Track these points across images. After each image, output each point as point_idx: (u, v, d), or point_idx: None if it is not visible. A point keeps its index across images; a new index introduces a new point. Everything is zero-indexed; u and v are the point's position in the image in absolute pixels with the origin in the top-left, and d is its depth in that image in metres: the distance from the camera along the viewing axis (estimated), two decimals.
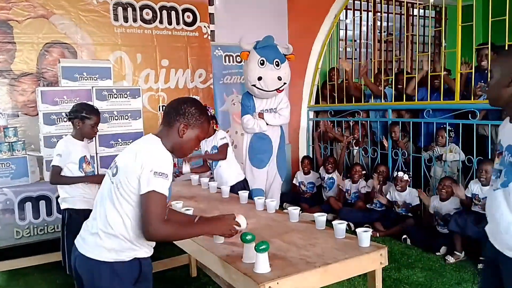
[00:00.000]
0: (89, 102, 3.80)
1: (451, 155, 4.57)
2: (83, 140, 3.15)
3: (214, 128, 3.80)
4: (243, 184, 3.86)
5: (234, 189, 3.48)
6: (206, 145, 3.85)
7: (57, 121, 3.97)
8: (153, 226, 1.64)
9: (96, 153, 4.12)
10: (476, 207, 3.94)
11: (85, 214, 2.73)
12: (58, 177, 3.02)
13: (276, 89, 4.58)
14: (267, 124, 4.59)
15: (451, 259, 3.85)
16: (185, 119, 1.81)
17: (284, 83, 4.63)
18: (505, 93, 1.75)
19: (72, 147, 3.05)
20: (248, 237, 1.85)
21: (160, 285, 3.59)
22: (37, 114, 4.06)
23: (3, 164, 3.78)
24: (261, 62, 4.55)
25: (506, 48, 4.09)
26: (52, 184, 3.14)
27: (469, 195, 3.99)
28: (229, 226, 1.91)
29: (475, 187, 3.96)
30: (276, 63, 4.56)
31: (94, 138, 3.32)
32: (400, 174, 4.65)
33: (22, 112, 4.62)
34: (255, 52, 4.59)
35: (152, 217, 1.63)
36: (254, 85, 4.58)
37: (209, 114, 3.69)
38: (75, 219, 2.95)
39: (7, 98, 4.54)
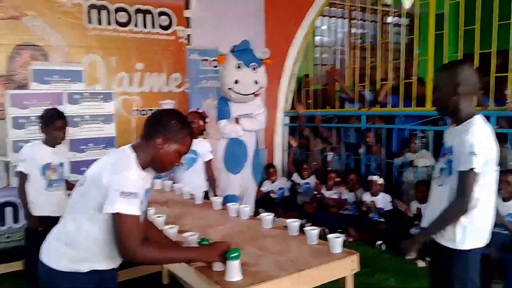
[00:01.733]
0: (59, 106, 3.71)
1: (422, 161, 4.64)
2: (53, 146, 3.06)
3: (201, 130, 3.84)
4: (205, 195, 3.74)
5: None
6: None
7: (26, 126, 3.86)
8: (128, 250, 1.58)
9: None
10: None
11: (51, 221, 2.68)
12: (22, 188, 2.96)
13: (253, 93, 4.57)
14: (243, 129, 4.57)
15: (421, 263, 3.90)
16: (164, 133, 1.71)
17: (261, 87, 4.63)
18: (451, 102, 1.99)
19: (38, 152, 2.98)
20: (235, 254, 1.76)
21: None
22: (5, 118, 3.95)
23: None
24: (238, 65, 4.54)
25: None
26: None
27: None
28: (222, 254, 1.76)
29: None
30: (253, 66, 4.56)
31: (62, 143, 3.19)
32: (375, 177, 4.71)
33: None
34: (232, 56, 4.58)
35: (125, 240, 1.57)
36: (230, 89, 4.56)
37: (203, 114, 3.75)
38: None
39: None
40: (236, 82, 4.51)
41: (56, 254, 1.70)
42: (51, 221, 2.24)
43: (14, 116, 3.83)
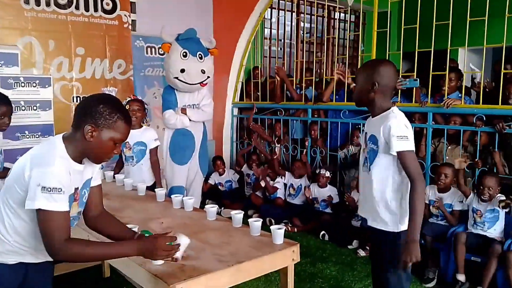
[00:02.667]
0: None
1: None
2: None
3: (142, 121, 3.75)
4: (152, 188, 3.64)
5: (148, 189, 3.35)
6: (130, 138, 3.63)
7: None
8: (52, 247, 1.51)
9: None
10: None
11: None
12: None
13: (199, 82, 4.49)
14: (190, 120, 4.49)
15: (362, 253, 4.06)
16: (92, 120, 1.59)
17: (208, 77, 4.55)
18: (366, 97, 2.19)
19: None
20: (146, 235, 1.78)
21: (71, 286, 3.40)
22: None
23: None
24: (184, 54, 4.43)
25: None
26: None
27: None
28: (165, 250, 1.62)
29: None
30: (200, 55, 4.47)
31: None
32: (322, 171, 4.81)
33: None
34: (177, 44, 4.46)
35: (50, 238, 1.49)
36: (176, 78, 4.43)
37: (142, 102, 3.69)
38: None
39: None
40: (182, 71, 4.39)
41: None
42: None
43: None
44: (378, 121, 2.17)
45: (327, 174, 4.82)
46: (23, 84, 3.91)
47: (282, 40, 6.79)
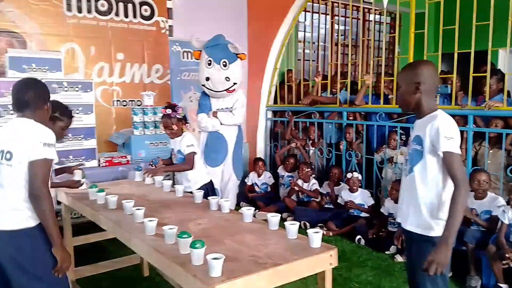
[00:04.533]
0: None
1: (401, 158, 4.72)
2: None
3: (183, 128, 3.56)
4: (207, 187, 3.62)
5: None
6: (175, 145, 3.64)
7: (2, 114, 3.77)
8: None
9: None
10: None
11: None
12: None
13: (225, 90, 4.54)
14: (221, 123, 4.55)
15: (400, 258, 3.98)
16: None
17: (234, 83, 4.58)
18: (412, 99, 2.13)
19: None
20: (197, 244, 1.81)
21: (111, 285, 3.51)
22: None
23: None
24: (208, 62, 4.50)
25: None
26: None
27: None
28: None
29: None
30: (224, 63, 4.49)
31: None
32: (350, 174, 4.76)
33: None
34: (204, 52, 4.55)
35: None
36: (203, 85, 4.58)
37: (174, 116, 3.47)
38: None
39: None
40: (207, 79, 4.50)
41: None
42: None
43: None
44: (424, 121, 2.10)
45: (356, 175, 4.76)
46: (66, 89, 4.07)
47: (316, 43, 6.77)
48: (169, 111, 3.47)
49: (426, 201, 2.09)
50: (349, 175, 4.79)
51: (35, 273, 2.04)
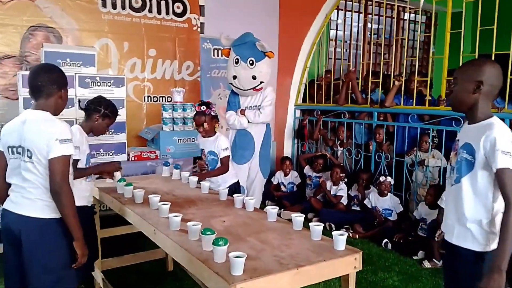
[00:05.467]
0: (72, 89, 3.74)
1: (433, 161, 4.60)
2: (88, 134, 2.96)
3: (216, 127, 3.52)
4: (234, 186, 3.59)
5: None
6: (204, 145, 3.61)
7: None
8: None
9: None
10: None
11: (84, 211, 2.74)
12: (77, 171, 2.69)
13: (251, 88, 4.53)
14: (248, 121, 4.55)
15: (427, 264, 3.88)
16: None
17: (261, 82, 4.55)
18: (469, 99, 1.94)
19: (85, 140, 2.87)
20: (220, 242, 1.81)
21: (136, 278, 3.57)
22: (18, 98, 3.96)
23: None
24: (236, 60, 4.51)
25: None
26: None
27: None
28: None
29: None
30: (250, 61, 4.46)
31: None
32: (383, 178, 4.66)
33: (3, 95, 4.51)
34: (232, 50, 4.56)
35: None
36: (231, 83, 4.61)
37: (209, 113, 3.42)
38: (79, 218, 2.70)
39: None
40: (234, 77, 4.51)
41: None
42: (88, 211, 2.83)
43: (26, 97, 3.81)
44: (478, 129, 1.91)
45: (388, 179, 4.66)
46: (99, 84, 4.14)
47: (348, 42, 6.67)
48: (203, 108, 3.42)
49: (473, 215, 1.92)
50: (381, 178, 4.69)
51: (48, 264, 2.09)
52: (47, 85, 2.12)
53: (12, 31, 4.49)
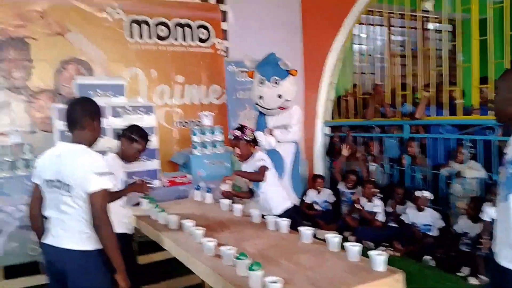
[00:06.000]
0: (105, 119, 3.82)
1: (470, 172, 4.44)
2: (122, 161, 2.95)
3: (252, 151, 3.33)
4: (290, 212, 3.23)
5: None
6: (246, 168, 3.41)
7: None
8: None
9: None
10: None
11: (124, 239, 2.71)
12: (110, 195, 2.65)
13: (277, 107, 4.53)
14: (277, 141, 4.54)
15: (473, 281, 3.70)
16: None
17: (287, 100, 4.55)
18: (511, 110, 1.79)
19: (118, 167, 2.83)
20: (255, 267, 1.79)
21: None
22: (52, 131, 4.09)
23: (19, 181, 3.80)
24: (261, 81, 4.54)
25: None
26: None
27: (488, 219, 3.73)
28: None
29: (491, 210, 3.70)
30: (275, 81, 4.48)
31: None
32: (419, 193, 4.52)
33: (40, 128, 4.67)
34: (256, 71, 4.60)
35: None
36: (257, 104, 4.63)
37: (241, 138, 3.26)
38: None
39: (24, 115, 4.61)
40: (260, 97, 4.53)
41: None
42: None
43: (61, 130, 3.93)
44: None
45: (426, 194, 4.51)
46: (129, 112, 4.24)
47: (372, 55, 6.61)
48: (237, 133, 3.29)
49: None
50: (418, 193, 4.54)
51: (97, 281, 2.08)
52: (81, 117, 2.15)
53: (45, 65, 4.69)
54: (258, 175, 3.20)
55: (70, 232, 2.08)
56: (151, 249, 3.66)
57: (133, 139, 2.93)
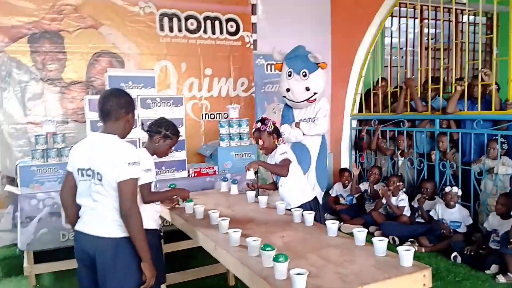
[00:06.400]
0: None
1: (503, 168, 4.32)
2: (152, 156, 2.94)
3: (276, 142, 3.35)
4: (310, 205, 3.29)
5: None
6: (271, 160, 3.44)
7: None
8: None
9: None
10: None
11: (154, 234, 2.75)
12: (152, 194, 2.75)
13: (305, 100, 4.51)
14: (304, 133, 4.52)
15: (502, 279, 3.61)
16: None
17: (315, 93, 4.52)
18: None
19: (152, 163, 2.83)
20: (281, 258, 1.80)
21: None
22: (85, 121, 4.19)
23: (51, 169, 3.93)
24: (289, 73, 4.51)
25: None
26: (146, 203, 2.69)
27: None
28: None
29: None
30: (303, 73, 4.45)
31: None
32: (454, 189, 4.42)
33: (72, 119, 4.81)
34: (284, 63, 4.58)
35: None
36: (284, 97, 4.61)
37: (264, 130, 3.28)
38: (149, 241, 2.59)
39: (57, 106, 4.76)
40: (288, 90, 4.51)
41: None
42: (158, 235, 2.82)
43: (93, 120, 4.04)
44: None
45: (455, 190, 4.41)
46: (159, 104, 4.31)
47: (404, 48, 6.48)
48: (258, 125, 3.34)
49: None
50: (447, 189, 4.45)
51: (122, 284, 2.12)
52: (116, 109, 2.18)
53: (78, 58, 4.82)
54: (282, 169, 3.21)
55: (101, 220, 2.13)
56: (176, 238, 3.74)
57: (168, 137, 2.91)
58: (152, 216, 2.78)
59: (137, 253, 2.11)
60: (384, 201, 4.99)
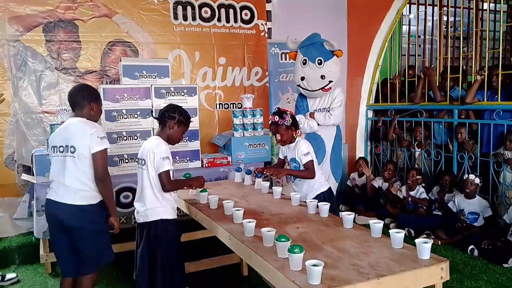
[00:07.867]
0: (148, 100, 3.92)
1: None
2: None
3: (294, 135, 3.29)
4: (324, 196, 3.29)
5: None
6: (288, 152, 3.41)
7: (117, 118, 4.08)
8: None
9: None
10: None
11: (176, 225, 2.88)
12: (172, 183, 2.82)
13: (321, 88, 4.44)
14: (318, 124, 4.47)
15: None
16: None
17: (330, 81, 4.45)
18: None
19: (169, 151, 2.85)
20: (296, 249, 1.77)
21: (211, 282, 3.63)
22: None
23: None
24: (304, 61, 4.45)
25: None
26: (167, 192, 2.81)
27: None
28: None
29: None
30: (319, 61, 4.38)
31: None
32: (471, 176, 4.34)
33: None
34: (299, 52, 4.51)
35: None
36: (299, 85, 4.55)
37: (282, 124, 3.21)
38: (171, 230, 2.81)
39: None
40: (302, 78, 4.45)
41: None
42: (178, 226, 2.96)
43: (107, 109, 4.04)
44: None
45: (476, 180, 4.32)
46: (173, 94, 4.29)
47: (422, 37, 6.34)
48: (276, 118, 3.25)
49: None
50: (470, 177, 4.35)
51: (96, 229, 2.63)
52: (79, 100, 2.67)
53: (93, 47, 4.81)
54: (310, 174, 3.22)
55: (69, 190, 2.56)
56: (190, 228, 3.74)
57: (182, 122, 2.89)
58: (172, 205, 2.86)
59: (101, 213, 2.64)
60: (394, 193, 4.92)
